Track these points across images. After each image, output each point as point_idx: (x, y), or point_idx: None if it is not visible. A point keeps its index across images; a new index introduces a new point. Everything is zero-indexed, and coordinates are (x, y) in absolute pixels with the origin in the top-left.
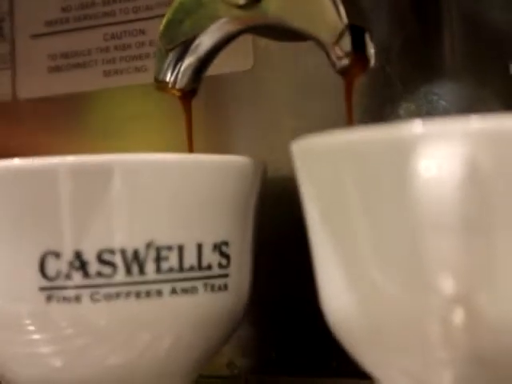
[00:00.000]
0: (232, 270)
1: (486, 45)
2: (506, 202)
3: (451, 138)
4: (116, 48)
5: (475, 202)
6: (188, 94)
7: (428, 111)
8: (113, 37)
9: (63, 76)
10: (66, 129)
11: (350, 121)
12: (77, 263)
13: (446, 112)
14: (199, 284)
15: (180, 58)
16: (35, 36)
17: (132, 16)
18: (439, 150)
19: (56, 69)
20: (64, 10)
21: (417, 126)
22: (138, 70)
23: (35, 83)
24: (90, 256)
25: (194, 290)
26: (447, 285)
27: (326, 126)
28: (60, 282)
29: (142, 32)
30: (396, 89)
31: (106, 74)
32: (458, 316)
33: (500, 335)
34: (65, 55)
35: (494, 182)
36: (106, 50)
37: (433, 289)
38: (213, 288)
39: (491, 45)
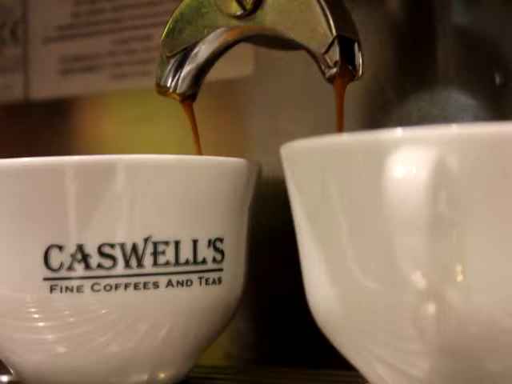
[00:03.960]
0: (226, 264)
1: (475, 56)
2: (473, 202)
3: (422, 144)
4: (123, 53)
5: (443, 202)
6: (188, 99)
7: (419, 118)
8: (120, 42)
9: (73, 78)
10: (75, 129)
11: (339, 126)
12: (79, 256)
13: (436, 119)
14: (194, 277)
15: (180, 65)
16: (47, 40)
17: (139, 22)
18: (411, 154)
19: (66, 71)
20: (74, 15)
21: (391, 133)
22: (144, 74)
23: (47, 85)
24: (91, 249)
25: (188, 283)
26: (418, 280)
27: (323, 132)
28: (63, 273)
29: (149, 38)
30: (388, 97)
31: (114, 77)
32: (429, 309)
33: (469, 326)
34: (75, 59)
35: (461, 183)
36: (114, 54)
37: (405, 284)
38: (207, 281)
39: (480, 56)
